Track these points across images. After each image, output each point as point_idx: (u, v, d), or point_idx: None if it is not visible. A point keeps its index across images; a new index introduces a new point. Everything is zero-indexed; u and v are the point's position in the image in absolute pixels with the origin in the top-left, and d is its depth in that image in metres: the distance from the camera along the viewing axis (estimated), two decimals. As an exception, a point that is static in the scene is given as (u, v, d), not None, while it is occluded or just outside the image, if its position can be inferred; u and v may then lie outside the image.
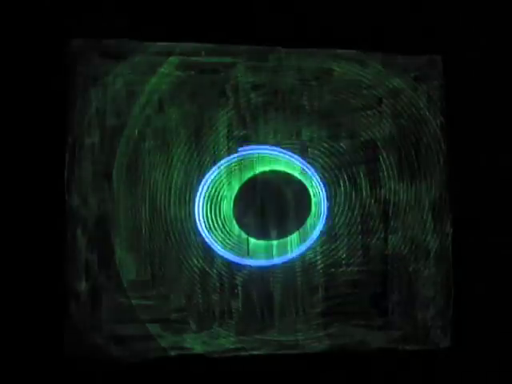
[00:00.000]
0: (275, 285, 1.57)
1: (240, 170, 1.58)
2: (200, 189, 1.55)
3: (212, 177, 1.56)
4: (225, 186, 1.58)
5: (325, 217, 1.60)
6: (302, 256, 1.58)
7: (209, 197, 1.57)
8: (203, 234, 1.55)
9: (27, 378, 1.46)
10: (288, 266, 1.58)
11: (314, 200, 1.60)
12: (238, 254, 1.57)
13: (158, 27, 1.55)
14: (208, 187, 1.56)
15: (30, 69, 1.49)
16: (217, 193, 1.57)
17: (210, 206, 1.57)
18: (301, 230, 1.59)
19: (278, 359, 1.55)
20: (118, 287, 1.50)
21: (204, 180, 1.56)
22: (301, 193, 1.60)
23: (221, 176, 1.57)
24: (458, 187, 1.63)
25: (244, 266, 1.56)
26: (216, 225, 1.57)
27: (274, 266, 1.57)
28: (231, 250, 1.57)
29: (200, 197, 1.55)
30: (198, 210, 1.55)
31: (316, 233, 1.59)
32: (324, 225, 1.60)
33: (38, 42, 1.50)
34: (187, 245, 1.54)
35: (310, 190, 1.60)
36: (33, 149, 1.49)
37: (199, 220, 1.56)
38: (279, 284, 1.57)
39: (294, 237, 1.58)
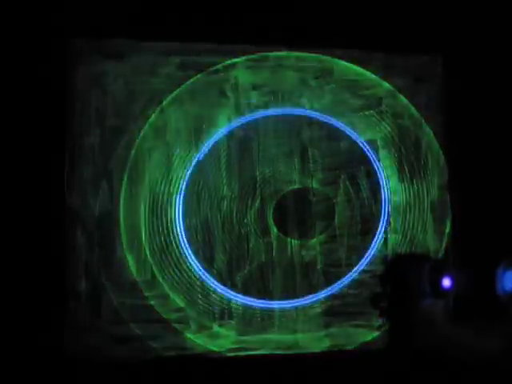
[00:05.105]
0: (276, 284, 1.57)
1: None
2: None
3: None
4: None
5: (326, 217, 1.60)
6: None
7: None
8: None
9: (28, 378, 1.46)
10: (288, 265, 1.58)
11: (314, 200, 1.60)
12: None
13: (158, 27, 1.55)
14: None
15: (30, 69, 1.49)
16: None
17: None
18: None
19: (277, 359, 1.54)
20: (118, 287, 1.50)
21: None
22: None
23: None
24: (457, 187, 1.63)
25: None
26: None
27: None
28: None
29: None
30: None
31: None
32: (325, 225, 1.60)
33: (39, 42, 1.50)
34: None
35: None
36: (33, 149, 1.48)
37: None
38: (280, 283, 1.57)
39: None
